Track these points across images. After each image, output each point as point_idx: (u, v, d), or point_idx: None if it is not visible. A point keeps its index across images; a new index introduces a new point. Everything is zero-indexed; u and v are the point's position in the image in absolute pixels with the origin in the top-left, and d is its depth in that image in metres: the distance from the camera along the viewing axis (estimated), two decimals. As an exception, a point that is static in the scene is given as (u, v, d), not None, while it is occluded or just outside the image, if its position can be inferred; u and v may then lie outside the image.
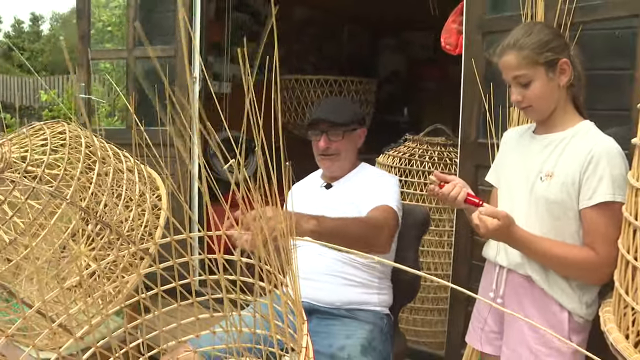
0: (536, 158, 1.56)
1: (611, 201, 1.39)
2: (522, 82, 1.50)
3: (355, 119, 2.01)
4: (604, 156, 1.41)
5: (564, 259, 1.46)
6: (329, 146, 1.97)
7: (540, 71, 1.48)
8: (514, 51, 1.49)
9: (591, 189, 1.42)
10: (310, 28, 5.33)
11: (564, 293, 1.49)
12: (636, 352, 1.14)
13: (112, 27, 4.47)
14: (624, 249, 1.24)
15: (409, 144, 2.85)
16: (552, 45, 1.48)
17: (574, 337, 1.50)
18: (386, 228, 1.76)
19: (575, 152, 1.47)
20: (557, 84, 1.50)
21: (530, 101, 1.52)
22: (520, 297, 1.57)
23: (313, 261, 1.92)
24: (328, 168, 2.04)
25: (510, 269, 1.59)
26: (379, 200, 1.85)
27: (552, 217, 1.49)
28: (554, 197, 1.47)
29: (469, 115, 2.26)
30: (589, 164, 1.42)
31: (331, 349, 1.72)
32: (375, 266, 1.91)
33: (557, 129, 1.55)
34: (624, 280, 1.23)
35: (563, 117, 1.55)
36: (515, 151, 1.67)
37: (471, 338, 1.79)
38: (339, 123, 1.96)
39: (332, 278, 1.87)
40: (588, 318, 1.50)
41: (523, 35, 1.49)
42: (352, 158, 2.03)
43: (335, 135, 1.97)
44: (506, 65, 1.52)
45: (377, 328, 1.83)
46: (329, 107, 2.06)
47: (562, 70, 1.49)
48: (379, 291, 1.92)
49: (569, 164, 1.47)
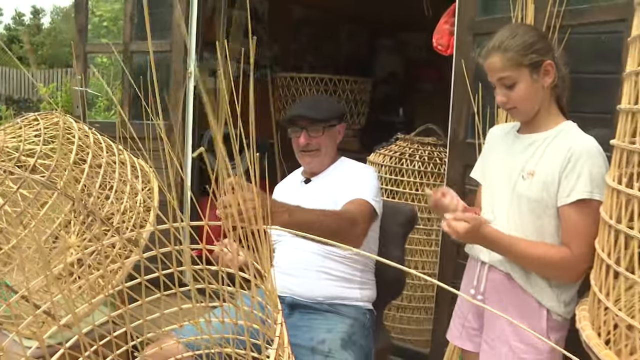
0: (519, 157, 1.58)
1: (588, 199, 1.41)
2: (506, 83, 1.53)
3: (334, 114, 2.03)
4: (583, 154, 1.44)
5: (539, 259, 1.48)
6: (309, 142, 1.99)
7: (525, 73, 1.50)
8: (499, 53, 1.51)
9: (569, 186, 1.44)
10: (308, 27, 5.34)
11: (542, 291, 1.51)
12: (606, 349, 1.16)
13: (107, 22, 4.48)
14: (600, 249, 1.26)
15: (400, 143, 2.88)
16: (537, 47, 1.50)
17: (552, 335, 1.52)
18: (360, 222, 1.75)
19: (556, 151, 1.49)
20: (541, 85, 1.52)
21: (515, 102, 1.54)
22: (500, 294, 1.59)
23: (293, 256, 1.95)
24: (308, 164, 2.05)
25: (491, 266, 1.62)
26: (355, 193, 1.85)
27: (533, 216, 1.51)
28: (534, 195, 1.50)
29: (458, 115, 2.28)
30: (569, 162, 1.45)
31: (312, 343, 1.74)
32: (357, 259, 1.92)
33: (540, 129, 1.58)
34: (599, 279, 1.25)
35: (547, 117, 1.57)
36: (499, 149, 1.70)
37: (452, 335, 1.81)
38: (319, 119, 1.98)
39: (312, 273, 1.89)
40: (566, 316, 1.52)
41: (508, 37, 1.51)
42: (331, 153, 2.05)
43: (315, 131, 1.99)
44: (491, 67, 1.54)
45: (358, 323, 1.85)
46: (307, 103, 2.10)
47: (546, 72, 1.52)
48: (361, 286, 1.93)
49: (549, 163, 1.49)
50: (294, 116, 2.02)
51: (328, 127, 2.00)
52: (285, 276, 1.94)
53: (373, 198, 1.86)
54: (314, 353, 1.72)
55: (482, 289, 1.64)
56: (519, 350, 1.53)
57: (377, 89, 5.41)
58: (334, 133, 2.04)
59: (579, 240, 1.42)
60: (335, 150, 2.08)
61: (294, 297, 1.90)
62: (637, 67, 1.19)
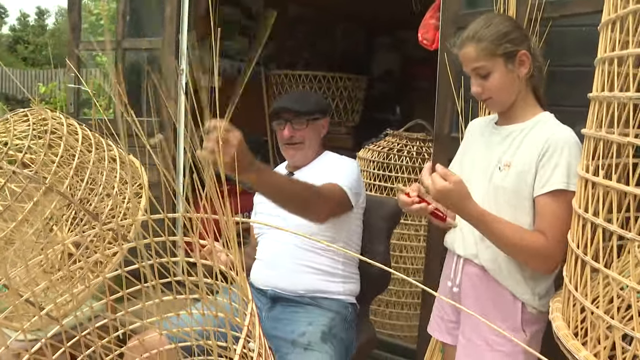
0: (496, 149, 1.57)
1: (564, 189, 1.39)
2: (481, 73, 1.51)
3: (319, 108, 2.04)
4: (560, 145, 1.42)
5: (514, 241, 1.44)
6: (293, 135, 2.00)
7: (499, 62, 1.49)
8: (473, 43, 1.50)
9: (545, 176, 1.42)
10: (304, 25, 5.35)
11: (517, 284, 1.50)
12: (574, 339, 1.15)
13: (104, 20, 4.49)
14: (574, 243, 1.24)
15: (389, 139, 2.88)
16: (511, 37, 1.49)
17: (527, 328, 1.51)
18: (327, 199, 1.77)
19: (533, 142, 1.48)
20: (516, 76, 1.51)
21: (490, 92, 1.53)
22: (475, 286, 1.58)
23: (275, 248, 1.95)
24: (292, 157, 2.06)
25: (466, 259, 1.61)
26: (329, 179, 1.86)
27: (509, 207, 1.49)
28: (511, 186, 1.48)
29: (443, 109, 2.27)
30: (545, 152, 1.43)
31: (292, 335, 1.74)
32: (338, 252, 1.92)
33: (517, 120, 1.56)
34: (569, 270, 1.24)
35: (524, 108, 1.56)
36: (477, 142, 1.69)
37: (432, 328, 1.80)
38: (303, 112, 1.99)
39: (294, 265, 1.89)
40: (541, 309, 1.51)
41: (482, 27, 1.50)
42: (315, 147, 2.06)
43: (299, 124, 1.99)
44: (466, 57, 1.53)
45: (339, 316, 1.85)
46: (293, 97, 2.12)
47: (521, 62, 1.50)
48: (343, 279, 1.93)
49: (526, 153, 1.48)
50: (278, 108, 2.03)
51: (312, 121, 2.01)
52: (267, 269, 1.95)
53: (347, 186, 1.85)
54: (294, 346, 1.72)
55: (458, 282, 1.63)
56: (494, 343, 1.52)
57: (373, 87, 5.41)
58: (318, 127, 2.05)
59: (553, 229, 1.40)
60: (319, 144, 2.09)
61: (276, 290, 1.90)
62: (604, 54, 1.18)
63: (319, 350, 1.69)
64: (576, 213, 1.23)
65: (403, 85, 5.99)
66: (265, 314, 1.90)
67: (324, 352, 1.69)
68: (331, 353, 1.70)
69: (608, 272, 1.05)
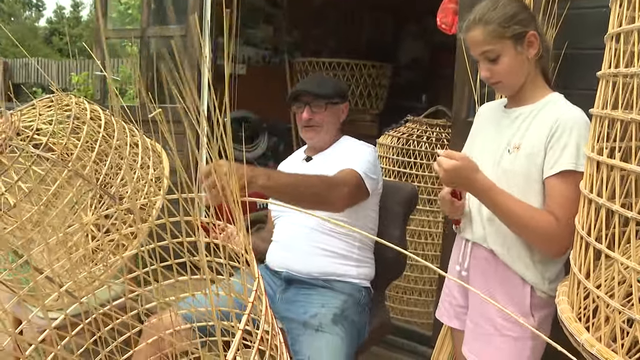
0: (505, 132, 1.55)
1: (573, 170, 1.37)
2: (490, 57, 1.48)
3: (337, 92, 2.05)
4: (569, 125, 1.40)
5: (523, 219, 1.42)
6: (312, 117, 2.02)
7: (508, 45, 1.46)
8: (480, 26, 1.47)
9: (554, 157, 1.40)
10: (330, 13, 5.33)
11: (526, 268, 1.48)
12: (577, 322, 1.14)
13: (132, 9, 4.56)
14: (579, 225, 1.22)
15: (409, 125, 2.86)
16: (519, 18, 1.46)
17: (536, 312, 1.50)
18: (342, 186, 1.77)
19: (542, 123, 1.45)
20: (525, 57, 1.48)
21: (500, 76, 1.50)
22: (484, 270, 1.57)
23: (291, 231, 1.97)
24: (311, 139, 2.07)
25: (474, 243, 1.59)
26: (345, 165, 1.87)
27: (519, 190, 1.47)
28: (520, 169, 1.46)
29: (460, 94, 2.25)
30: (555, 133, 1.41)
31: (305, 317, 1.76)
32: (355, 236, 1.93)
33: (527, 102, 1.54)
34: (574, 253, 1.23)
35: (533, 90, 1.53)
36: (487, 126, 1.66)
37: (441, 313, 1.79)
38: (322, 95, 2.01)
39: (309, 248, 1.90)
40: (551, 294, 1.48)
41: (489, 9, 1.47)
42: (333, 131, 2.07)
43: (318, 107, 2.01)
44: (473, 41, 1.50)
45: (352, 299, 1.86)
46: (312, 80, 2.13)
47: (530, 43, 1.47)
48: (358, 263, 1.94)
49: (535, 135, 1.45)
50: (297, 91, 2.06)
51: (331, 104, 2.03)
52: (282, 251, 1.97)
53: (363, 171, 1.86)
54: (305, 327, 1.74)
55: (467, 266, 1.62)
56: (503, 328, 1.51)
57: (399, 75, 5.36)
58: (337, 111, 2.07)
59: (563, 210, 1.38)
60: (338, 128, 2.10)
61: (290, 272, 1.92)
62: (613, 30, 1.16)
63: (330, 332, 1.71)
64: (583, 195, 1.21)
65: (429, 73, 5.93)
66: (279, 295, 1.92)
67: (335, 334, 1.70)
68: (342, 335, 1.71)
69: (610, 252, 1.03)
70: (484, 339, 1.55)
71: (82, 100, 2.35)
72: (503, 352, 1.51)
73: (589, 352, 1.03)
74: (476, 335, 1.58)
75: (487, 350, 1.54)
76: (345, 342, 1.71)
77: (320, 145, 2.08)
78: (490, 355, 1.54)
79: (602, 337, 1.05)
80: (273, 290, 1.95)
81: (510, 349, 1.51)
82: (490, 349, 1.54)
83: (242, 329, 0.75)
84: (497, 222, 1.50)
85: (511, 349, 1.50)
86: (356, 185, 1.84)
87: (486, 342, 1.55)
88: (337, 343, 1.68)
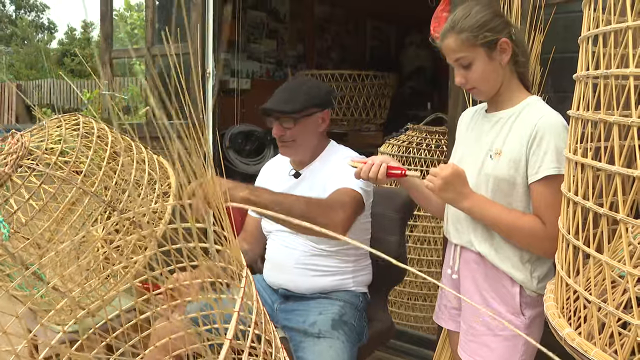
0: (486, 137, 1.59)
1: (556, 174, 1.40)
2: (463, 63, 1.53)
3: (311, 103, 1.92)
4: (548, 130, 1.43)
5: (509, 224, 1.47)
6: (283, 134, 1.92)
7: (480, 52, 1.51)
8: (453, 34, 1.52)
9: (537, 163, 1.44)
10: (333, 24, 5.40)
11: (514, 267, 1.51)
12: (560, 318, 1.17)
13: (137, 29, 4.66)
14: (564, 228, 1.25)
15: (410, 133, 2.91)
16: (491, 25, 1.50)
17: (527, 311, 1.52)
18: (339, 209, 1.72)
19: (522, 128, 1.49)
20: (498, 63, 1.53)
21: (474, 82, 1.55)
22: (473, 272, 1.60)
23: (281, 253, 1.95)
24: (288, 155, 2.02)
25: (463, 246, 1.63)
26: (341, 182, 1.81)
27: (501, 195, 1.51)
28: (502, 174, 1.50)
29: (455, 100, 2.29)
30: (534, 139, 1.44)
31: (304, 325, 1.80)
32: (348, 252, 1.91)
33: (505, 106, 1.58)
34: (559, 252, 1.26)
35: (510, 94, 1.57)
36: (468, 131, 1.70)
37: (437, 317, 1.82)
38: (287, 111, 1.89)
39: (303, 271, 1.89)
40: (541, 292, 1.51)
41: (461, 17, 1.52)
42: (312, 142, 1.96)
43: (287, 123, 1.91)
44: (447, 48, 1.55)
45: (349, 304, 1.89)
46: (281, 95, 1.97)
47: (502, 50, 1.52)
48: (354, 275, 1.95)
49: (516, 140, 1.49)
50: (263, 110, 1.95)
51: (301, 118, 1.91)
52: (275, 272, 1.98)
53: (360, 186, 1.81)
54: (306, 335, 1.77)
55: (457, 269, 1.65)
56: (495, 328, 1.54)
57: (403, 84, 5.41)
58: (312, 122, 1.94)
59: (548, 212, 1.42)
60: (317, 138, 1.98)
61: (286, 289, 1.94)
62: (587, 32, 1.19)
63: (330, 336, 1.74)
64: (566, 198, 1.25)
65: (434, 82, 5.98)
66: (277, 306, 1.95)
67: (335, 338, 1.74)
68: (343, 339, 1.75)
69: (586, 248, 1.07)
70: (477, 339, 1.58)
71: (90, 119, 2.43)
72: (496, 352, 1.54)
73: (570, 346, 1.07)
74: (470, 337, 1.61)
75: (481, 351, 1.57)
76: (347, 346, 1.74)
77: (302, 159, 2.00)
78: (484, 356, 1.56)
79: (582, 331, 1.09)
80: (272, 301, 1.98)
81: (503, 349, 1.53)
82: (484, 349, 1.56)
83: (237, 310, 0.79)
84: (483, 226, 1.55)
85: (504, 348, 1.53)
86: (356, 205, 1.79)
87: (479, 342, 1.58)
88: (339, 346, 1.72)
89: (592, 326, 1.04)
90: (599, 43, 1.17)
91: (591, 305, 1.03)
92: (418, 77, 6.06)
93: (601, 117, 1.06)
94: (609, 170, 1.02)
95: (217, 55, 3.51)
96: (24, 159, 2.18)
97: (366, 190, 1.84)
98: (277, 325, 1.89)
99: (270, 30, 4.79)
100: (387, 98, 4.62)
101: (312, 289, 1.90)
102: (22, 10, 29.09)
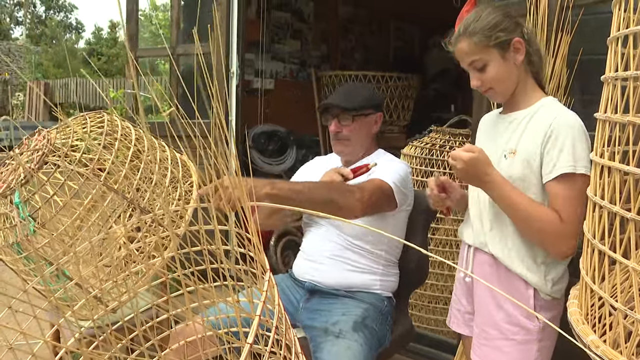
0: (501, 137, 1.58)
1: (572, 172, 1.39)
2: (477, 66, 1.53)
3: (368, 103, 2.03)
4: (563, 129, 1.42)
5: (531, 211, 1.44)
6: (340, 130, 2.01)
7: (494, 53, 1.50)
8: (465, 38, 1.52)
9: (552, 162, 1.42)
10: (357, 25, 5.39)
11: (528, 270, 1.50)
12: (584, 324, 1.15)
13: (163, 29, 4.70)
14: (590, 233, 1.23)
15: (433, 135, 2.88)
16: (502, 26, 1.50)
17: (542, 315, 1.50)
18: (357, 191, 1.76)
19: (537, 127, 1.48)
20: (512, 64, 1.52)
21: (490, 84, 1.54)
22: (486, 275, 1.58)
23: (317, 244, 2.00)
24: (341, 152, 2.07)
25: (476, 248, 1.61)
26: (375, 175, 1.87)
27: None
28: (517, 174, 1.49)
29: (479, 103, 2.27)
30: (549, 138, 1.43)
31: (326, 324, 1.79)
32: (381, 254, 1.95)
33: (520, 107, 1.57)
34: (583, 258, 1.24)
35: (525, 94, 1.56)
36: (486, 134, 1.70)
37: (451, 321, 1.80)
38: (348, 108, 1.99)
39: (335, 262, 1.93)
40: (555, 295, 1.50)
41: (472, 21, 1.52)
42: (364, 143, 2.06)
43: (345, 120, 2.00)
44: (461, 52, 1.55)
45: (374, 308, 1.88)
46: (341, 92, 2.09)
47: (516, 50, 1.51)
48: (382, 277, 1.96)
49: (530, 140, 1.48)
50: (324, 104, 2.06)
51: (359, 116, 2.01)
52: (308, 262, 2.01)
53: (393, 182, 1.86)
54: (326, 334, 1.77)
55: (470, 271, 1.64)
56: (508, 332, 1.52)
57: (427, 86, 5.38)
58: (367, 122, 2.04)
59: (566, 210, 1.40)
60: (370, 140, 2.08)
61: (314, 282, 1.96)
62: (617, 32, 1.17)
63: (350, 338, 1.73)
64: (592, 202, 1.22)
65: (458, 84, 5.93)
66: (302, 304, 1.96)
67: (354, 341, 1.73)
68: (361, 342, 1.74)
69: (612, 253, 1.04)
70: (490, 343, 1.57)
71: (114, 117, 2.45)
72: (509, 356, 1.53)
73: (595, 353, 1.04)
74: (483, 341, 1.59)
75: (494, 355, 1.56)
76: (364, 349, 1.73)
77: (352, 157, 2.07)
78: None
79: (607, 339, 1.06)
80: (296, 299, 1.99)
81: (516, 353, 1.52)
82: (497, 353, 1.55)
83: (259, 314, 0.78)
84: (498, 227, 1.54)
85: (517, 352, 1.52)
86: (380, 193, 1.83)
87: (492, 347, 1.56)
88: (356, 349, 1.71)
89: (618, 334, 1.02)
90: (629, 44, 1.15)
91: (617, 312, 1.01)
92: (442, 79, 6.01)
93: (630, 120, 1.04)
94: (638, 174, 1.00)
95: (241, 55, 3.53)
96: (49, 155, 2.22)
97: (400, 190, 1.89)
98: (299, 324, 1.90)
99: (295, 31, 4.80)
100: (411, 100, 4.60)
101: (340, 283, 1.92)
102: (51, 10, 29.63)
